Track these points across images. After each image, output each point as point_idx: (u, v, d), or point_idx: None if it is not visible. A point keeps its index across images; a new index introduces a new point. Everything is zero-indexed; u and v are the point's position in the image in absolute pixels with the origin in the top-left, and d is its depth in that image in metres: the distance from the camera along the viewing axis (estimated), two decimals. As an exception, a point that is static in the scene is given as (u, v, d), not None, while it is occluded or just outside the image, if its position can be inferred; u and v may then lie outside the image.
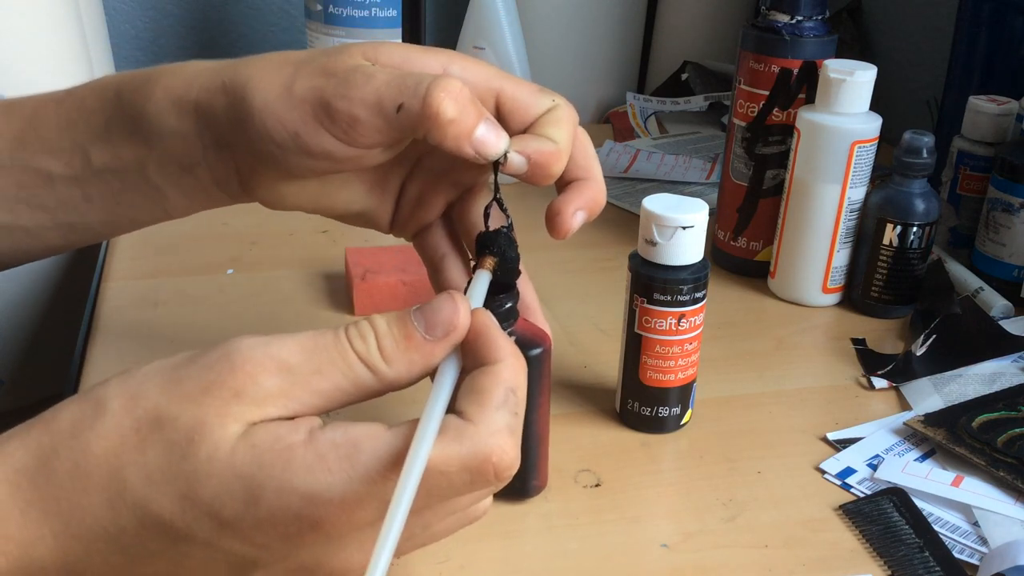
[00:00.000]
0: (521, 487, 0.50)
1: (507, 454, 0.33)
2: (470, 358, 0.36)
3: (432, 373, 0.36)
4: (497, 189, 0.43)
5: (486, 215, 0.44)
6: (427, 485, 0.32)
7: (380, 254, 0.70)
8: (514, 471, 0.34)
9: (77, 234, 0.50)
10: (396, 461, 0.32)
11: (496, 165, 0.41)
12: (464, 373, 0.36)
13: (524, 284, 0.47)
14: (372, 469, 0.32)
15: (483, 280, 0.40)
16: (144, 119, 0.44)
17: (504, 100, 0.43)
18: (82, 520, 0.32)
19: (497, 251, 0.42)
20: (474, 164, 0.41)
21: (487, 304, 0.42)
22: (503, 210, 0.43)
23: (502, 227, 0.43)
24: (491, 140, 0.40)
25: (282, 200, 0.47)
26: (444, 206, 0.49)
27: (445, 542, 0.46)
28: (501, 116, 0.43)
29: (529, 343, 0.46)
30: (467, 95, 0.40)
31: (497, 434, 0.33)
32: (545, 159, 0.42)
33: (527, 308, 0.48)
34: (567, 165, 0.43)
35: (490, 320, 0.36)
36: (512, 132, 0.43)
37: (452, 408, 0.35)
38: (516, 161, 0.41)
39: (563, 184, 0.45)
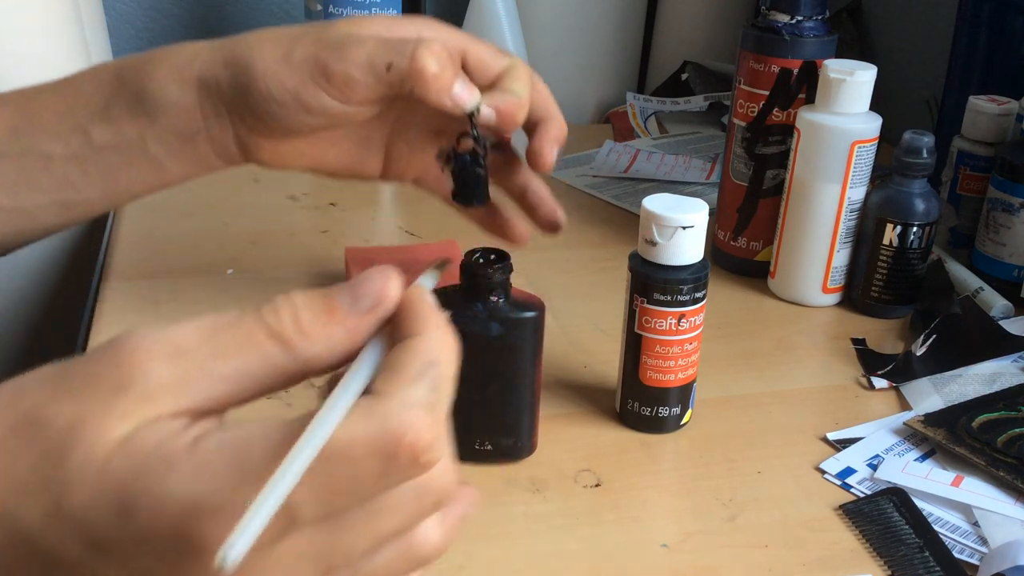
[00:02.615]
0: (512, 448, 0.52)
1: (422, 432, 0.27)
2: (395, 334, 0.31)
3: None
4: (476, 137, 0.49)
5: (457, 141, 0.50)
6: (328, 474, 0.27)
7: (380, 254, 0.70)
8: (435, 455, 0.28)
9: (73, 212, 0.51)
10: None
11: (471, 117, 0.48)
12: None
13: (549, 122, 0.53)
14: (266, 472, 0.26)
15: (430, 278, 0.37)
16: (146, 95, 0.48)
17: (469, 59, 0.50)
18: None
19: (455, 164, 0.49)
20: (451, 116, 0.48)
21: (481, 267, 0.48)
22: (479, 143, 0.49)
23: (460, 139, 0.49)
24: (466, 95, 0.47)
25: (279, 159, 0.52)
26: (429, 154, 0.55)
27: (445, 542, 0.46)
28: (467, 73, 0.49)
29: (523, 306, 0.49)
30: (446, 55, 0.46)
31: (410, 408, 0.28)
32: (511, 109, 0.48)
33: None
34: (531, 109, 0.51)
35: (422, 293, 0.32)
36: (477, 87, 0.48)
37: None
38: (487, 113, 0.48)
39: (531, 126, 0.52)
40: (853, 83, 0.65)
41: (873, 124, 0.67)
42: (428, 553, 0.31)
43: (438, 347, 0.30)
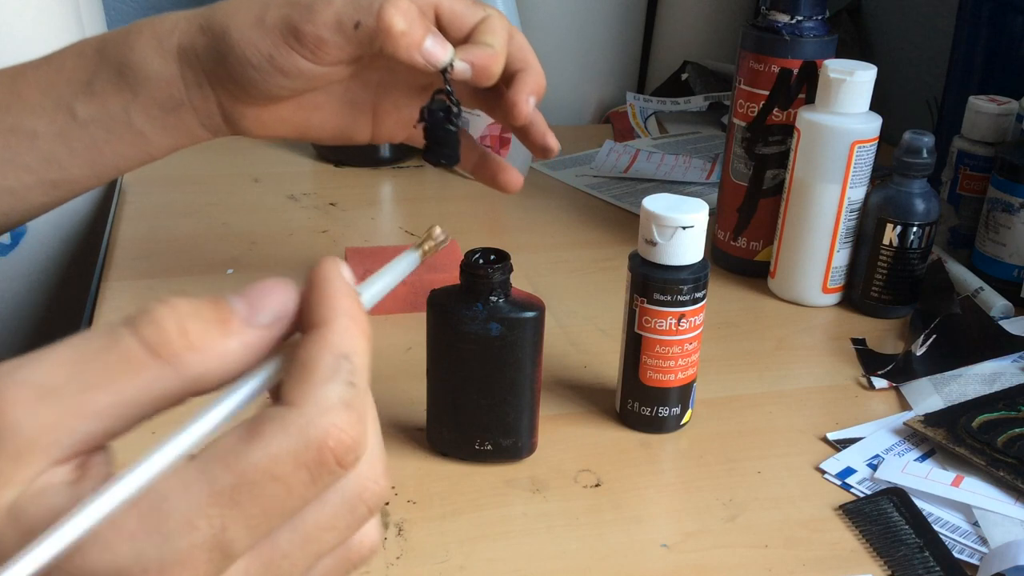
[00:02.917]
0: (512, 448, 0.52)
1: (345, 433, 0.26)
2: (302, 323, 0.28)
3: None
4: (449, 93, 0.48)
5: (431, 98, 0.49)
6: (258, 497, 0.25)
7: (380, 254, 0.70)
8: (359, 452, 0.26)
9: (60, 190, 0.51)
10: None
11: (445, 73, 0.47)
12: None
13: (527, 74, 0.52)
14: (192, 517, 0.24)
15: (413, 255, 0.34)
16: (129, 67, 0.49)
17: (443, 13, 0.49)
18: None
19: (427, 120, 0.49)
20: (429, 73, 0.47)
21: (481, 267, 0.48)
22: (452, 100, 0.49)
23: (435, 98, 0.49)
24: (438, 51, 0.47)
25: (264, 127, 0.52)
26: (416, 112, 0.54)
27: (445, 542, 0.46)
28: (441, 27, 0.49)
29: (523, 306, 0.49)
30: (414, 11, 0.46)
31: (329, 412, 0.25)
32: (485, 63, 0.48)
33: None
34: (508, 60, 0.50)
35: (330, 273, 0.28)
36: (452, 41, 0.48)
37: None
38: (461, 68, 0.48)
39: (508, 77, 0.51)
40: (853, 83, 0.65)
41: (873, 124, 0.67)
42: (366, 554, 0.30)
43: (348, 337, 0.27)
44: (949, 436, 0.55)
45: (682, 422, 0.56)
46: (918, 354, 0.63)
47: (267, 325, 0.27)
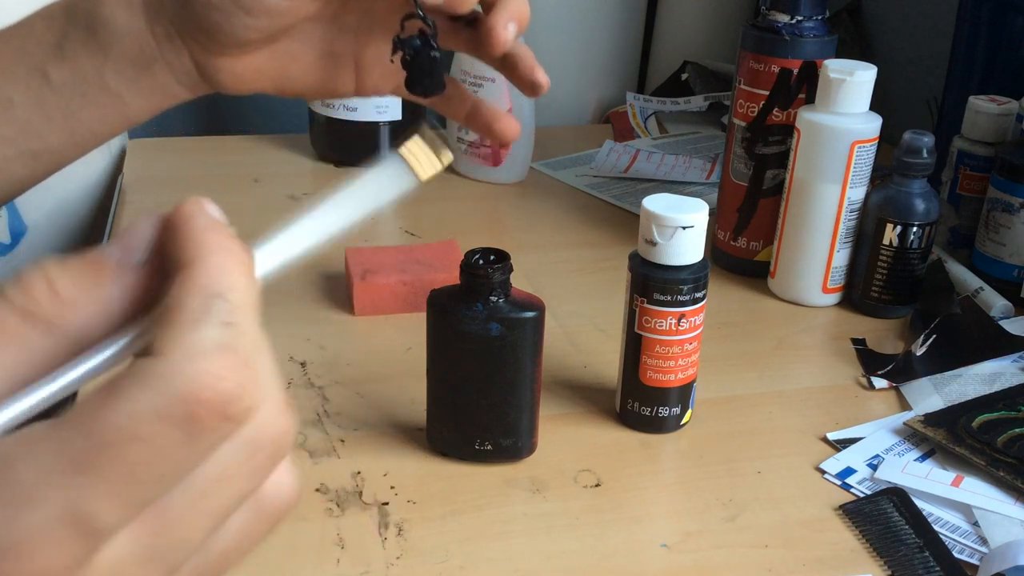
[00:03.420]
0: (512, 448, 0.52)
1: (224, 381, 0.22)
2: (167, 268, 0.25)
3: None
4: (423, 18, 0.45)
5: (401, 27, 0.46)
6: (120, 464, 0.22)
7: (380, 254, 0.70)
8: (248, 401, 0.23)
9: (40, 161, 0.50)
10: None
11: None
12: None
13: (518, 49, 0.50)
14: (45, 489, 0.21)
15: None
16: (97, 25, 0.48)
17: None
18: None
19: (405, 50, 0.46)
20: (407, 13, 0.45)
21: (481, 267, 0.48)
22: (427, 23, 0.45)
23: (404, 23, 0.45)
24: None
25: (240, 81, 0.51)
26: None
27: (445, 542, 0.46)
28: None
29: (523, 306, 0.49)
30: None
31: (200, 357, 0.22)
32: None
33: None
34: None
35: (194, 210, 0.26)
36: None
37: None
38: None
39: (487, 6, 0.48)
40: (853, 83, 0.65)
41: (873, 124, 0.67)
42: (284, 503, 0.27)
43: (220, 273, 0.24)
44: (949, 436, 0.55)
45: (682, 422, 0.56)
46: (918, 354, 0.63)
47: (143, 261, 0.25)
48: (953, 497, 0.51)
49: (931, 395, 0.60)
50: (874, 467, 0.53)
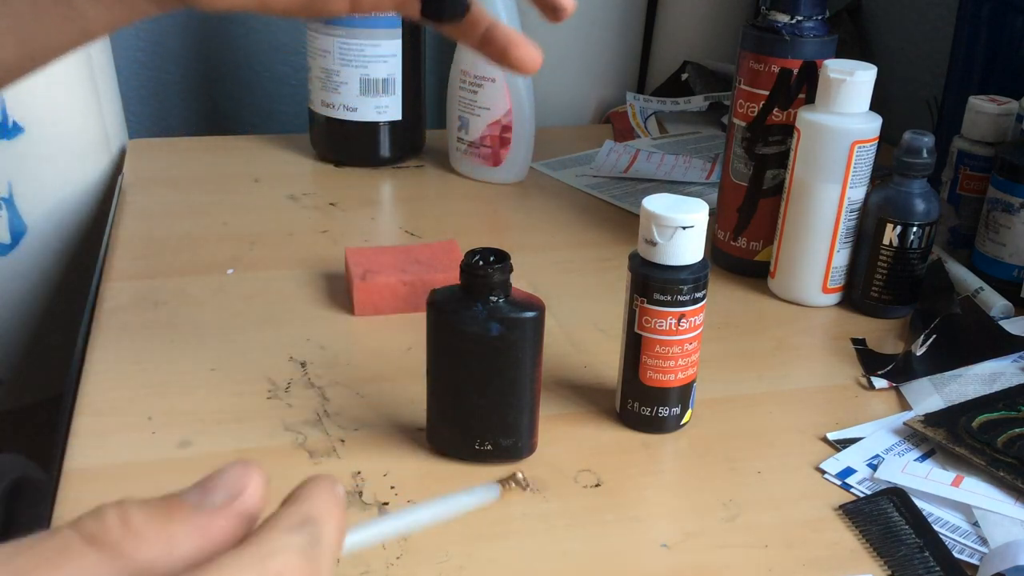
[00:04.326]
0: (512, 448, 0.52)
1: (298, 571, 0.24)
2: None
3: None
4: None
5: None
6: None
7: (380, 254, 0.70)
8: None
9: None
10: None
11: None
12: None
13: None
14: None
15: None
16: None
17: None
18: None
19: None
20: None
21: (481, 267, 0.47)
22: None
23: None
24: None
25: None
26: None
27: (445, 542, 0.46)
28: None
29: (523, 306, 0.49)
30: None
31: (281, 553, 0.24)
32: None
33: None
34: None
35: (323, 484, 0.27)
36: None
37: None
38: None
39: None
40: (853, 83, 0.65)
41: (873, 124, 0.67)
42: None
43: (320, 505, 0.26)
44: (949, 436, 0.55)
45: (682, 422, 0.56)
46: (918, 354, 0.63)
47: (221, 504, 0.25)
48: (953, 497, 0.51)
49: (931, 395, 0.60)
50: (874, 467, 0.53)
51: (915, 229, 0.67)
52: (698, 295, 0.53)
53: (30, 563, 0.23)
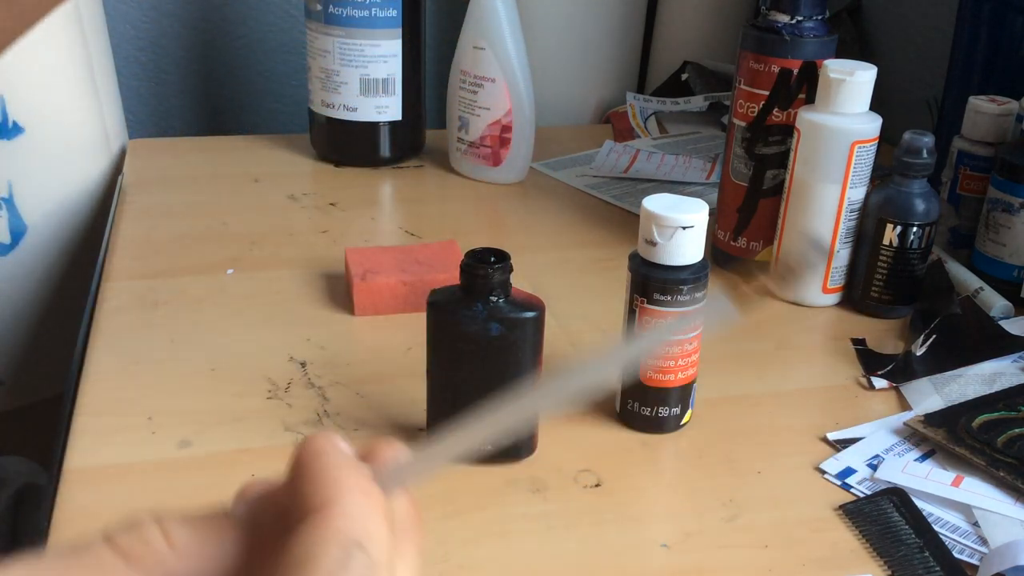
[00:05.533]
0: (512, 448, 0.52)
1: None
2: (296, 513, 0.23)
3: None
4: None
5: None
6: None
7: (380, 254, 0.70)
8: None
9: None
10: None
11: None
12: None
13: None
14: None
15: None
16: None
17: None
18: None
19: None
20: None
21: (481, 267, 0.47)
22: None
23: None
24: None
25: None
26: None
27: (445, 542, 0.46)
28: None
29: (523, 306, 0.49)
30: None
31: None
32: None
33: None
34: None
35: (326, 448, 0.24)
36: None
37: None
38: None
39: None
40: (853, 83, 0.65)
41: (873, 124, 0.67)
42: None
43: (359, 518, 0.22)
44: (949, 436, 0.55)
45: (682, 422, 0.56)
46: (918, 354, 0.63)
47: (264, 510, 0.24)
48: (953, 497, 0.51)
49: (931, 395, 0.60)
50: (874, 467, 0.53)
51: (915, 229, 0.67)
52: (698, 295, 0.53)
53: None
